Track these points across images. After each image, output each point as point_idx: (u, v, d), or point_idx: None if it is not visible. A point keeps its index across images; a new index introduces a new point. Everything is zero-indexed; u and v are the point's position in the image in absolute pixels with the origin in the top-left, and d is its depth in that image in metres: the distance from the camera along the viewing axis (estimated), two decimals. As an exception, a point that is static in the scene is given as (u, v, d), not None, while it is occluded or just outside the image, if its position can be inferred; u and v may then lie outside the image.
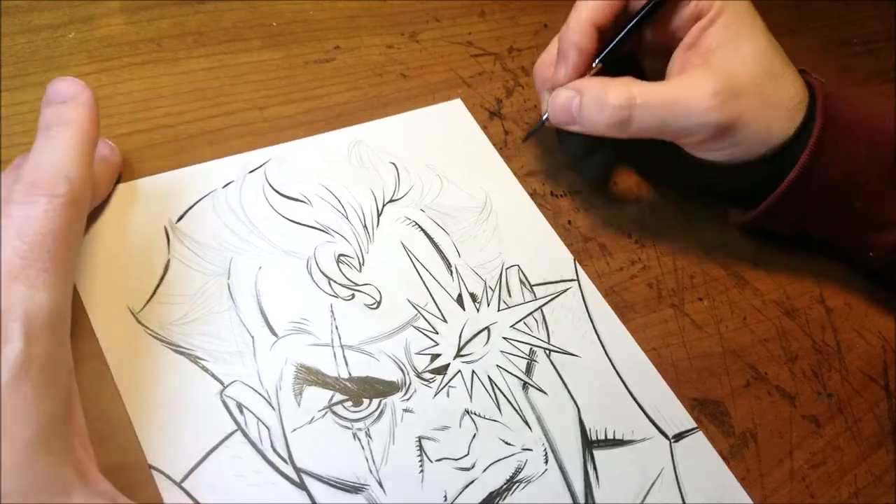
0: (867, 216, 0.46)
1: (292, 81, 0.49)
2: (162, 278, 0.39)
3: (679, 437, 0.41)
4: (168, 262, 0.39)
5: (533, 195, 0.48)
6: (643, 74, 0.48)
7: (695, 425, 0.42)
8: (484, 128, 0.51)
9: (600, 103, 0.42)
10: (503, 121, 0.52)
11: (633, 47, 0.48)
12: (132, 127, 0.44)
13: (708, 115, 0.41)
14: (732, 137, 0.43)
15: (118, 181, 0.41)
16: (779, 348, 0.47)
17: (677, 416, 0.42)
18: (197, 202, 0.42)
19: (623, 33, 0.45)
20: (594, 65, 0.45)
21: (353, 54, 0.52)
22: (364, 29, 0.53)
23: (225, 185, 0.43)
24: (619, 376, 0.43)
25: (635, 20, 0.45)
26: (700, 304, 0.47)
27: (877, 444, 0.45)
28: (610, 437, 0.40)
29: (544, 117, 0.46)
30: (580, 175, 0.50)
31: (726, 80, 0.42)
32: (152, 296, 0.38)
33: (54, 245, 0.29)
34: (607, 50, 0.45)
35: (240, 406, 0.36)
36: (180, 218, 0.41)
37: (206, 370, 0.37)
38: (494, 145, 0.50)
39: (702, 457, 0.41)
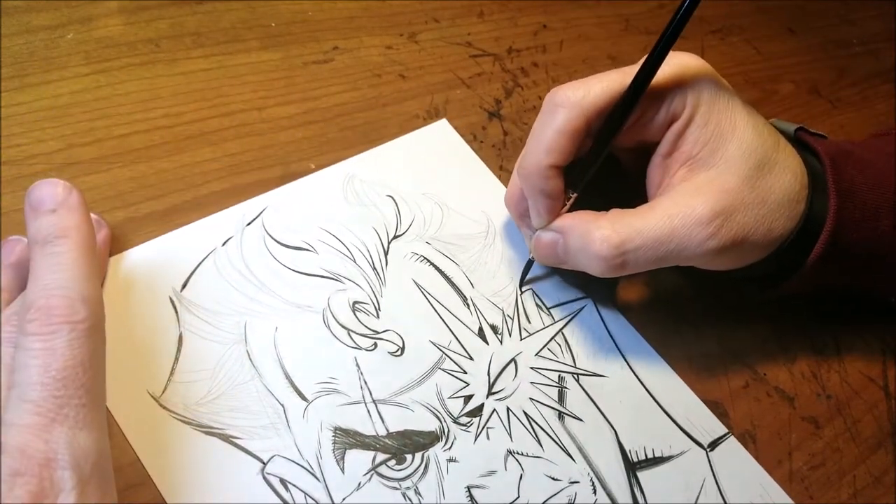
0: (891, 274, 0.43)
1: (291, 82, 0.48)
2: (177, 355, 0.37)
3: (714, 444, 0.42)
4: (180, 335, 0.37)
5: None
6: (621, 169, 0.45)
7: (726, 431, 0.42)
8: (483, 129, 0.50)
9: (587, 252, 0.38)
10: (502, 121, 0.51)
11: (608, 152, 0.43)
12: (130, 128, 0.43)
13: (706, 244, 0.37)
14: (735, 252, 0.39)
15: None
16: (778, 349, 0.47)
17: (707, 423, 0.42)
18: (198, 265, 0.40)
19: (587, 162, 0.40)
20: (569, 195, 0.40)
21: (352, 55, 0.51)
22: (363, 29, 0.52)
23: (224, 243, 0.41)
24: (648, 391, 0.43)
25: (597, 147, 0.39)
26: (699, 305, 0.47)
27: (876, 444, 0.45)
28: (650, 455, 0.40)
29: (530, 257, 0.43)
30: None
31: (719, 200, 0.37)
32: (171, 376, 0.36)
33: (85, 377, 0.27)
34: (576, 180, 0.40)
35: (283, 482, 0.35)
36: (184, 285, 0.39)
37: (242, 448, 0.35)
38: (493, 147, 0.50)
39: (738, 461, 0.42)
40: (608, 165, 0.41)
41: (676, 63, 0.39)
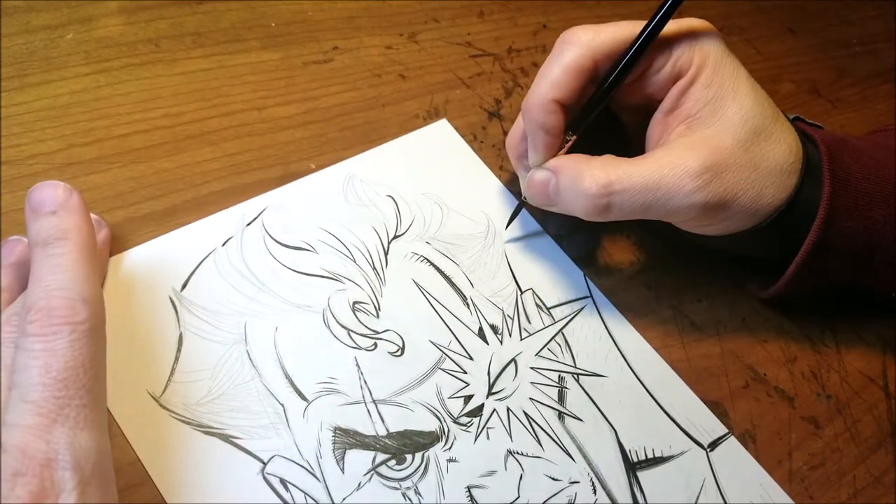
0: (889, 266, 0.43)
1: (291, 82, 0.48)
2: (177, 355, 0.37)
3: (714, 445, 0.42)
4: (180, 335, 0.37)
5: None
6: (623, 129, 0.46)
7: (726, 431, 0.42)
8: (483, 129, 0.50)
9: (575, 191, 0.39)
10: (502, 122, 0.51)
11: (610, 105, 0.44)
12: (130, 128, 0.43)
13: (693, 196, 0.38)
14: (723, 213, 0.40)
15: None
16: (778, 349, 0.47)
17: (708, 423, 0.42)
18: (198, 266, 0.40)
19: (590, 105, 0.41)
20: (567, 138, 0.41)
21: (352, 55, 0.51)
22: (363, 29, 0.52)
23: (224, 243, 0.41)
24: (648, 391, 0.43)
25: (602, 90, 0.40)
26: (699, 305, 0.47)
27: (876, 444, 0.45)
28: (650, 455, 0.40)
29: (523, 197, 0.44)
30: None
31: (711, 155, 0.38)
32: (171, 376, 0.36)
33: (86, 377, 0.27)
34: (578, 122, 0.41)
35: (283, 482, 0.35)
36: (184, 285, 0.39)
37: (243, 449, 0.35)
38: (493, 147, 0.50)
39: (738, 462, 0.42)
40: (609, 126, 0.42)
41: (688, 24, 0.40)
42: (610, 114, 0.45)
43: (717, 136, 0.39)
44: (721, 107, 0.39)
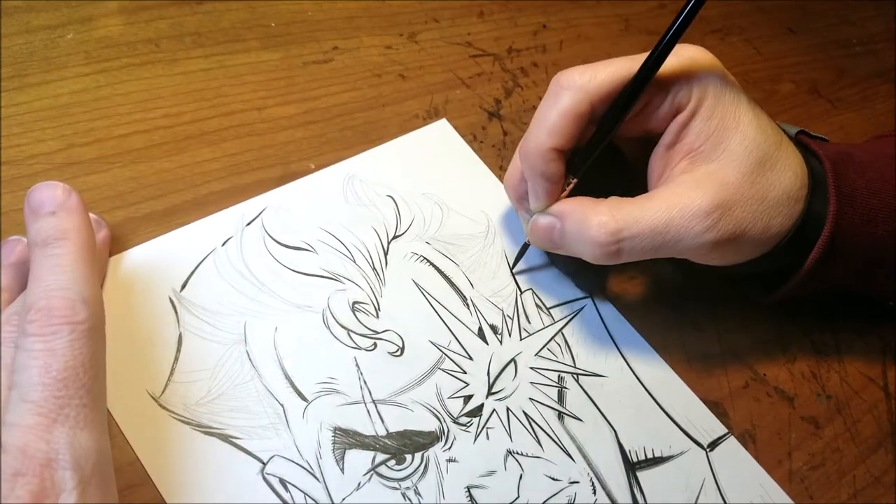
0: (891, 278, 0.43)
1: (291, 82, 0.48)
2: (177, 355, 0.37)
3: (713, 445, 0.42)
4: (180, 335, 0.37)
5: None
6: (624, 160, 0.45)
7: (725, 431, 0.42)
8: (483, 129, 0.50)
9: (583, 237, 0.38)
10: (502, 122, 0.51)
11: (611, 140, 0.43)
12: (130, 128, 0.43)
13: (703, 237, 0.37)
14: (732, 247, 0.39)
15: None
16: (778, 349, 0.47)
17: (707, 423, 0.42)
18: (198, 266, 0.40)
19: (590, 147, 0.40)
20: (568, 181, 0.40)
21: (352, 55, 0.51)
22: (363, 29, 0.52)
23: (224, 243, 0.41)
24: (648, 391, 0.43)
25: (601, 132, 0.39)
26: (699, 305, 0.47)
27: (876, 444, 0.45)
28: (649, 455, 0.40)
29: (526, 240, 0.43)
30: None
31: (718, 193, 0.37)
32: (170, 376, 0.36)
33: (86, 377, 0.27)
34: (578, 165, 0.40)
35: (283, 482, 0.35)
36: (184, 285, 0.39)
37: (242, 449, 0.35)
38: (493, 147, 0.50)
39: (738, 462, 0.42)
40: (611, 158, 0.41)
41: (685, 55, 0.39)
42: (611, 146, 0.44)
43: (723, 171, 0.38)
44: (724, 139, 0.38)
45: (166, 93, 0.45)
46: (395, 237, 0.44)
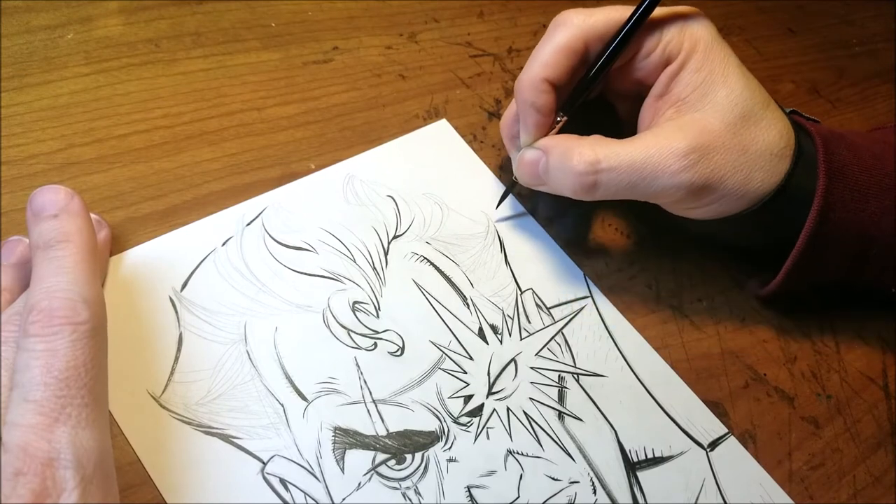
0: (885, 259, 0.43)
1: (291, 82, 0.48)
2: (177, 355, 0.37)
3: (713, 444, 0.42)
4: (180, 335, 0.37)
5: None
6: (616, 117, 0.46)
7: (726, 431, 0.42)
8: (483, 129, 0.50)
9: (563, 168, 0.39)
10: (502, 122, 0.51)
11: (603, 92, 0.45)
12: (130, 128, 0.43)
13: (679, 176, 0.38)
14: (710, 195, 0.40)
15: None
16: (778, 349, 0.47)
17: (708, 423, 0.42)
18: (198, 265, 0.40)
19: (581, 86, 0.42)
20: (558, 118, 0.42)
21: (352, 55, 0.51)
22: (363, 29, 0.52)
23: (224, 243, 0.41)
24: (648, 391, 0.43)
25: (593, 71, 0.41)
26: (699, 305, 0.47)
27: (876, 445, 0.45)
28: (650, 455, 0.40)
29: (513, 178, 0.44)
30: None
31: (698, 136, 0.39)
32: (171, 376, 0.36)
33: (87, 377, 0.27)
34: (569, 104, 0.42)
35: (283, 482, 0.35)
36: (184, 285, 0.39)
37: (242, 448, 0.35)
38: (493, 147, 0.50)
39: (738, 462, 0.42)
40: (604, 114, 0.42)
41: (680, 10, 0.41)
42: (603, 103, 0.46)
43: (706, 119, 0.40)
44: (710, 91, 0.40)
45: (166, 93, 0.45)
46: (395, 237, 0.44)
